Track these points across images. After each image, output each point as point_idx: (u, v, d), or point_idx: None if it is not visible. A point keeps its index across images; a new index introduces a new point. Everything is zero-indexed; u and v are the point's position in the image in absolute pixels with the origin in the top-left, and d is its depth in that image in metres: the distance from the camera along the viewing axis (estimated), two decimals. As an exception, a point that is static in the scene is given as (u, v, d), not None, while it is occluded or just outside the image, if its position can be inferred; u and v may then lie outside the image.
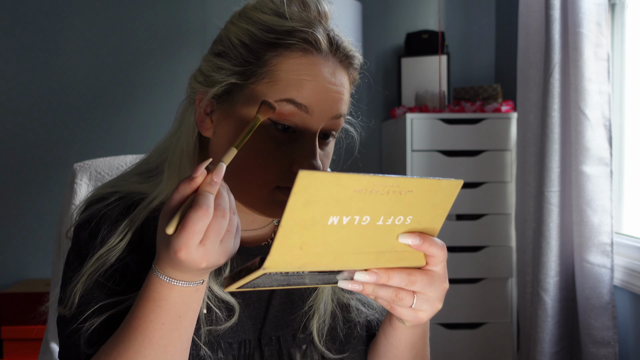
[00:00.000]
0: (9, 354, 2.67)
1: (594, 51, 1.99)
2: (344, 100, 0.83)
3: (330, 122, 0.82)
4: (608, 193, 1.99)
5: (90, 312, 0.79)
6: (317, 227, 0.62)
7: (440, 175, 2.50)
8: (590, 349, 2.00)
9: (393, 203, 0.64)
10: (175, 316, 0.71)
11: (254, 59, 0.79)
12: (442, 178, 0.66)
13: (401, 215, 0.66)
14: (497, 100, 2.68)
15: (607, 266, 1.97)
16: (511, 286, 2.54)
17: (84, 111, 3.02)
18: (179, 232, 0.65)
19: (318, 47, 0.79)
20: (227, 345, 0.84)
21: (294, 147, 0.79)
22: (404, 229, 0.68)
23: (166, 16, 3.03)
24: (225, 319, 0.83)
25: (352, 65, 0.85)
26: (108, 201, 0.85)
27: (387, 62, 3.13)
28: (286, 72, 0.78)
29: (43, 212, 2.98)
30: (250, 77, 0.79)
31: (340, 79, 0.82)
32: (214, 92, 0.81)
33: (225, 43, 0.83)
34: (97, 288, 0.80)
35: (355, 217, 0.63)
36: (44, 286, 2.75)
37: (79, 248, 0.84)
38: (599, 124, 1.99)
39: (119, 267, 0.81)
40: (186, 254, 0.65)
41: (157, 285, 0.70)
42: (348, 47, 0.84)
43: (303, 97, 0.78)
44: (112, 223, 0.83)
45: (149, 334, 0.71)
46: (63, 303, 0.82)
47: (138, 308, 0.71)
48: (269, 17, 0.80)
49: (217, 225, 0.66)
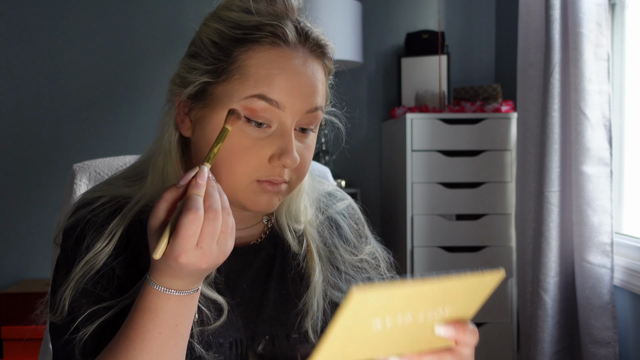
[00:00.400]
0: (9, 354, 2.66)
1: (594, 51, 1.99)
2: (318, 92, 0.82)
3: (306, 116, 0.81)
4: (608, 193, 1.99)
5: (81, 320, 0.79)
6: (361, 333, 0.62)
7: (441, 175, 2.51)
8: (590, 349, 2.00)
9: (435, 299, 0.65)
10: (172, 325, 0.72)
11: (223, 56, 0.80)
12: (484, 272, 0.66)
13: (440, 307, 0.67)
14: (497, 100, 2.68)
15: (607, 266, 1.97)
16: (511, 286, 2.54)
17: (84, 111, 3.02)
18: (174, 239, 0.66)
19: (285, 39, 0.79)
20: (218, 345, 0.84)
21: (270, 141, 0.80)
22: (440, 319, 0.68)
23: (166, 16, 3.03)
24: (214, 318, 0.83)
25: (325, 55, 0.85)
26: (93, 206, 0.86)
27: (387, 62, 3.13)
28: (255, 67, 0.78)
29: (43, 212, 2.97)
30: (221, 74, 0.80)
31: (312, 69, 0.82)
32: (188, 92, 0.82)
33: (197, 44, 0.84)
34: (86, 294, 0.80)
35: (397, 317, 0.63)
36: (43, 286, 2.75)
37: (65, 254, 0.84)
38: (599, 124, 1.99)
39: (105, 272, 0.81)
40: (186, 258, 0.66)
41: (153, 296, 0.71)
42: (318, 36, 0.84)
43: (274, 93, 0.78)
44: (97, 228, 0.83)
45: (147, 344, 0.71)
46: (53, 310, 0.82)
47: (134, 319, 0.72)
48: (236, 15, 0.81)
49: (211, 227, 0.67)
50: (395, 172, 2.74)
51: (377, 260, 1.00)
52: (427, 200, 2.52)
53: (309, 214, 0.95)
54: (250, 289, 0.89)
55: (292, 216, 0.94)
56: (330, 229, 0.97)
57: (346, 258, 0.96)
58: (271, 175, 0.80)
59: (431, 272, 2.52)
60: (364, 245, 1.00)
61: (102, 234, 0.82)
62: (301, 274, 0.92)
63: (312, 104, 0.81)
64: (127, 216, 0.84)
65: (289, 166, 0.79)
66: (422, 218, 2.53)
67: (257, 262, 0.91)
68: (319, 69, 0.83)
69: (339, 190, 1.06)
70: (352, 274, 0.95)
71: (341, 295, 0.92)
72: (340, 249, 0.96)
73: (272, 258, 0.92)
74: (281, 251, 0.93)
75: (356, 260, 0.97)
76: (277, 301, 0.89)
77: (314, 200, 0.97)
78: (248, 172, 0.79)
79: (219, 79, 0.80)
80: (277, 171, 0.80)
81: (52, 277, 0.87)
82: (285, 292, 0.90)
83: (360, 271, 0.97)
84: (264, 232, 0.94)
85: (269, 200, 0.82)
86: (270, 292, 0.89)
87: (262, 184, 0.80)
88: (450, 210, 2.54)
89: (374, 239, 1.04)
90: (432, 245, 2.53)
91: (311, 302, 0.89)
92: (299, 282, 0.91)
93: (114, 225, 0.83)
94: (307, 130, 0.83)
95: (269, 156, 0.79)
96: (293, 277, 0.91)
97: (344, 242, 0.97)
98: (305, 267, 0.92)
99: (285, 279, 0.91)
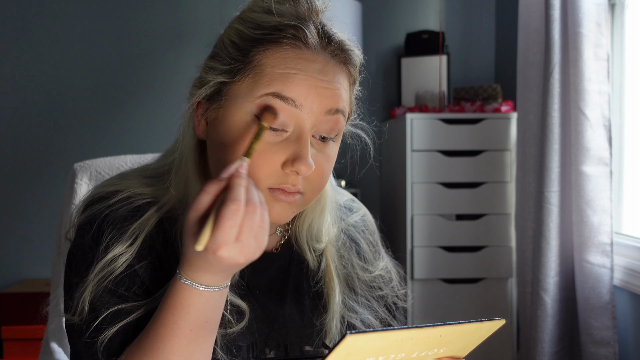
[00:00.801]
0: (9, 354, 2.67)
1: (593, 51, 1.99)
2: (338, 95, 0.78)
3: (325, 119, 0.77)
4: (608, 193, 1.99)
5: (104, 320, 0.77)
6: None
7: (440, 175, 2.51)
8: (590, 349, 2.00)
9: (430, 342, 0.65)
10: (203, 321, 0.71)
11: (241, 56, 0.77)
12: (484, 320, 0.65)
13: (436, 349, 0.67)
14: (497, 100, 2.68)
15: (607, 266, 1.98)
16: (511, 286, 2.54)
17: (84, 111, 3.02)
18: (216, 230, 0.64)
19: (305, 41, 0.76)
20: (237, 347, 0.83)
21: (284, 146, 0.76)
22: (434, 356, 0.68)
23: (166, 16, 3.03)
24: (235, 323, 0.83)
25: (350, 62, 0.81)
26: (110, 201, 0.83)
27: (387, 62, 3.14)
28: (271, 66, 0.75)
29: (43, 212, 2.98)
30: (237, 74, 0.77)
31: (333, 74, 0.78)
32: (203, 92, 0.80)
33: (218, 45, 0.82)
34: (108, 294, 0.78)
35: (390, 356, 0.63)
36: (44, 286, 2.75)
37: (82, 252, 0.82)
38: (599, 124, 1.99)
39: (128, 273, 0.79)
40: (226, 251, 0.65)
41: (184, 291, 0.70)
42: (343, 41, 0.80)
43: (290, 90, 0.75)
44: (116, 225, 0.81)
45: (178, 340, 0.71)
46: (71, 310, 0.80)
47: (164, 315, 0.71)
48: (258, 15, 0.79)
49: (250, 220, 0.66)
50: (395, 172, 2.74)
51: (390, 274, 0.99)
52: (427, 200, 2.52)
53: (331, 233, 0.92)
54: (265, 296, 0.87)
55: (313, 236, 0.91)
56: (349, 248, 0.95)
57: (361, 276, 0.94)
58: (283, 183, 0.76)
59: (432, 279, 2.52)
60: (379, 261, 0.99)
61: (122, 234, 0.80)
62: (319, 292, 0.90)
63: (332, 105, 0.77)
64: (151, 220, 0.82)
65: (303, 173, 0.75)
66: (422, 218, 2.53)
67: (271, 271, 0.89)
68: (341, 75, 0.79)
69: (355, 200, 1.03)
70: (366, 295, 0.94)
71: (356, 316, 0.91)
72: (357, 267, 0.94)
73: (287, 270, 0.90)
74: (297, 265, 0.91)
75: (371, 278, 0.96)
76: (293, 313, 0.88)
77: (335, 218, 0.95)
78: (260, 178, 0.76)
79: (234, 79, 0.77)
80: (291, 179, 0.76)
81: (65, 274, 0.84)
82: (302, 307, 0.89)
83: (373, 290, 0.95)
84: (279, 244, 0.92)
85: (282, 210, 0.78)
86: (286, 304, 0.88)
87: (275, 192, 0.77)
88: (450, 210, 2.54)
89: (384, 251, 1.02)
90: (432, 245, 2.53)
91: (330, 324, 0.88)
92: (316, 300, 0.90)
93: (135, 227, 0.81)
94: (328, 139, 0.79)
95: (282, 162, 0.75)
96: (310, 294, 0.90)
97: (360, 259, 0.96)
98: (324, 287, 0.90)
99: (301, 293, 0.90)
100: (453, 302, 2.55)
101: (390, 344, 0.61)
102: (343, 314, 0.90)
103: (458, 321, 0.63)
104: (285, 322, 0.87)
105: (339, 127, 0.79)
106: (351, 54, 0.81)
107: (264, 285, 0.88)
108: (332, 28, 0.80)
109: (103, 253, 0.80)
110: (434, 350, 0.67)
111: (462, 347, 0.69)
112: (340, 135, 0.82)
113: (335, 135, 0.80)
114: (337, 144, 0.82)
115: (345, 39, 0.80)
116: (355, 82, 0.84)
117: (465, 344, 0.69)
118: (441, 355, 0.68)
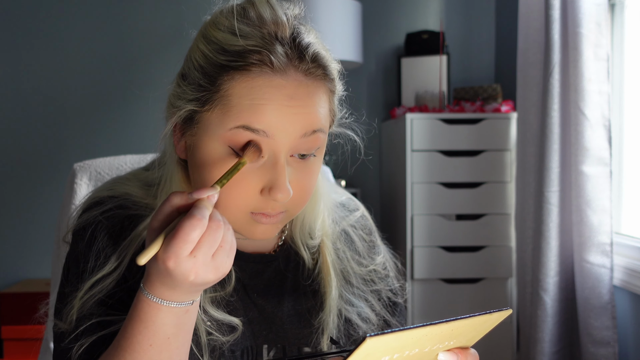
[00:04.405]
0: (9, 354, 2.67)
1: (593, 51, 1.99)
2: (313, 116, 0.74)
3: (302, 141, 0.74)
4: (608, 193, 1.99)
5: (84, 331, 0.76)
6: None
7: (440, 175, 2.51)
8: (590, 349, 2.00)
9: (442, 337, 0.66)
10: (164, 338, 0.68)
11: (208, 83, 0.74)
12: (493, 312, 0.66)
13: (446, 342, 0.68)
14: (497, 100, 2.68)
15: (607, 266, 1.98)
16: (511, 286, 2.55)
17: (84, 111, 3.02)
18: (170, 240, 0.62)
19: (272, 66, 0.72)
20: (231, 352, 0.83)
21: (261, 173, 0.74)
22: (444, 348, 0.70)
23: (166, 16, 3.03)
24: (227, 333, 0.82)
25: (327, 77, 0.76)
26: (105, 207, 0.83)
27: (387, 62, 3.14)
28: (239, 97, 0.72)
29: (43, 212, 2.98)
30: (206, 103, 0.74)
31: (306, 96, 0.73)
32: (178, 116, 0.77)
33: (187, 63, 0.79)
34: (95, 306, 0.78)
35: (405, 353, 0.64)
36: (44, 286, 2.75)
37: (75, 261, 0.82)
38: (599, 124, 1.99)
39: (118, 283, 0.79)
40: (175, 263, 0.62)
41: (144, 305, 0.67)
42: (316, 54, 0.75)
43: (259, 122, 0.71)
44: (107, 233, 0.81)
45: (137, 355, 0.68)
46: (61, 317, 0.80)
47: (127, 328, 0.69)
48: (222, 36, 0.75)
49: (211, 237, 0.63)
50: (395, 172, 2.74)
51: (387, 270, 0.99)
52: (427, 200, 2.52)
53: (326, 226, 0.91)
54: (262, 299, 0.87)
55: (305, 233, 0.90)
56: (344, 242, 0.95)
57: (356, 269, 0.94)
58: (264, 208, 0.75)
59: (433, 271, 2.53)
60: (375, 256, 0.98)
61: (115, 246, 0.80)
62: (315, 289, 0.90)
63: (307, 128, 0.74)
64: (143, 233, 0.81)
65: (280, 200, 0.73)
66: (422, 218, 2.53)
67: (268, 273, 0.89)
68: (317, 92, 0.75)
69: (352, 199, 1.03)
70: (362, 288, 0.94)
71: (353, 309, 0.91)
72: (352, 261, 0.94)
73: (284, 271, 0.90)
74: (294, 265, 0.91)
75: (365, 272, 0.95)
76: (291, 315, 0.88)
77: (331, 211, 0.94)
78: (240, 205, 0.74)
79: (203, 108, 0.74)
80: (271, 204, 0.75)
81: (61, 279, 0.84)
82: (300, 308, 0.89)
83: (368, 283, 0.95)
84: (278, 245, 0.92)
85: (264, 230, 0.78)
86: (284, 306, 0.88)
87: (256, 215, 0.76)
88: (450, 210, 2.54)
89: (383, 246, 1.02)
90: (432, 245, 2.53)
91: (327, 320, 0.87)
92: (313, 298, 0.90)
93: (126, 243, 0.80)
94: (308, 156, 0.76)
95: (260, 189, 0.74)
96: (307, 293, 0.90)
97: (355, 253, 0.96)
98: (320, 283, 0.90)
99: (299, 293, 0.89)
100: (453, 302, 2.55)
101: (407, 342, 0.62)
102: (340, 307, 0.90)
103: (468, 315, 0.65)
104: (283, 324, 0.87)
105: (319, 144, 0.77)
106: (326, 68, 0.76)
107: (261, 287, 0.88)
108: (305, 38, 0.75)
109: (94, 263, 0.79)
110: (445, 343, 0.68)
111: (471, 337, 0.71)
112: (323, 148, 0.80)
113: (316, 149, 0.77)
114: (320, 156, 0.80)
115: (319, 49, 0.76)
116: (335, 91, 0.80)
117: (473, 335, 0.71)
118: (451, 347, 0.70)
